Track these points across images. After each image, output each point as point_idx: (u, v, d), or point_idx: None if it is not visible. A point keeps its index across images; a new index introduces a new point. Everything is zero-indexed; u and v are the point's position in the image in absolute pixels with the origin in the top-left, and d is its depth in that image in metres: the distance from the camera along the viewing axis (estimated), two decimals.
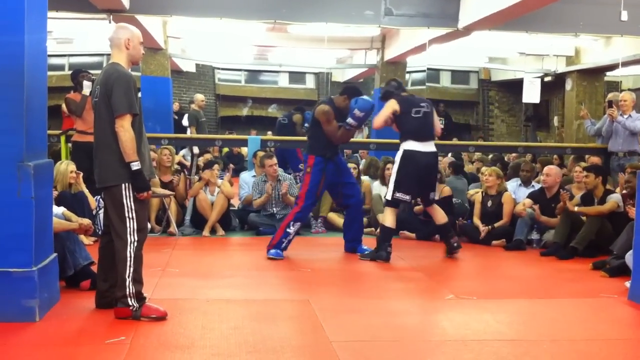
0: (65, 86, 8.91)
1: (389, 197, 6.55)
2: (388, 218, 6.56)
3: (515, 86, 16.36)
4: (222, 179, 8.44)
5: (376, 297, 5.25)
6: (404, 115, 6.54)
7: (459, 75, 19.25)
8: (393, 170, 6.56)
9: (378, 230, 7.72)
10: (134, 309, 4.26)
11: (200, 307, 4.69)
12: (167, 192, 7.74)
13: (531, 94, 12.66)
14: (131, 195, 4.27)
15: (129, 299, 4.25)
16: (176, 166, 8.69)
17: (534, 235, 7.37)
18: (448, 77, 19.20)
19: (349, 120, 6.46)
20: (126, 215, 4.27)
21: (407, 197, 6.56)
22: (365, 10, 10.48)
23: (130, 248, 4.26)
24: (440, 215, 6.76)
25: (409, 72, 16.01)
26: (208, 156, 9.22)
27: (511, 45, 13.85)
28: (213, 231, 7.77)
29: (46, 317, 4.26)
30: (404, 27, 11.11)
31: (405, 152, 6.47)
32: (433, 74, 18.21)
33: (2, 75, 4.13)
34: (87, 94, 7.60)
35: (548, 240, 7.22)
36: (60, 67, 15.95)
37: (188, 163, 11.63)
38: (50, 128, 6.95)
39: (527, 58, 15.22)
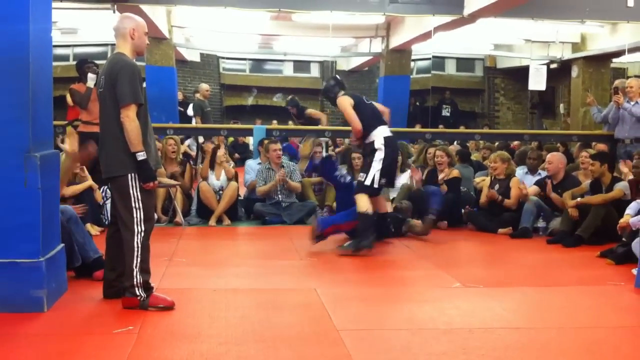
0: (70, 77, 8.91)
1: (375, 185, 6.34)
2: (366, 204, 6.31)
3: (520, 73, 16.29)
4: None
5: (383, 285, 5.25)
6: (361, 105, 6.51)
7: (464, 63, 19.16)
8: (377, 158, 6.33)
9: None
10: (142, 298, 4.27)
11: (207, 297, 4.70)
12: (173, 182, 7.75)
13: (537, 81, 12.63)
14: (137, 185, 4.27)
15: (136, 288, 4.27)
16: (180, 157, 8.69)
17: (540, 223, 7.36)
18: (453, 64, 19.11)
19: None
20: (133, 205, 4.27)
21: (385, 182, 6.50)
22: None
23: (138, 238, 4.27)
24: (383, 204, 6.76)
25: (414, 60, 15.93)
26: (210, 146, 9.21)
27: (517, 32, 13.79)
28: (219, 221, 7.78)
29: (54, 307, 4.28)
30: (409, 14, 11.08)
31: (386, 139, 6.38)
32: (438, 62, 18.11)
33: (8, 65, 4.13)
34: (91, 86, 7.60)
35: (554, 228, 7.20)
36: (65, 58, 15.90)
37: (193, 153, 11.65)
38: (56, 119, 6.96)
39: (533, 45, 15.15)
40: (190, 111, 13.24)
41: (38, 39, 4.29)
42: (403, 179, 8.32)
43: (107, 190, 6.76)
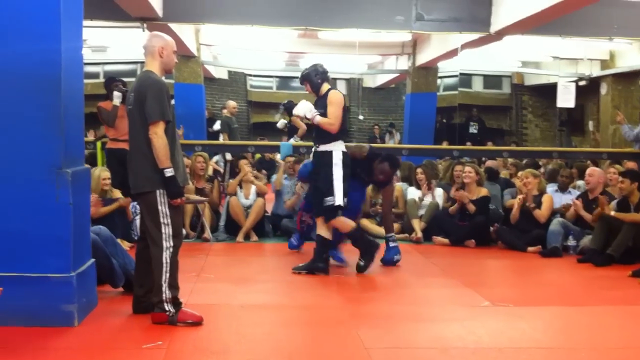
0: (100, 94, 9.03)
1: (341, 204, 5.90)
2: (347, 222, 6.06)
3: (548, 91, 16.20)
4: None
5: (411, 303, 5.22)
6: (345, 111, 6.16)
7: (491, 80, 19.11)
8: (337, 175, 5.92)
9: (413, 235, 7.75)
10: (171, 314, 4.29)
11: (235, 313, 4.71)
12: (201, 198, 7.81)
13: (565, 99, 12.54)
14: (165, 201, 4.31)
15: (165, 304, 4.29)
16: (209, 173, 8.77)
17: (571, 242, 7.27)
18: (480, 81, 19.07)
19: None
20: (161, 221, 4.31)
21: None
22: (397, 16, 10.45)
23: (166, 254, 4.30)
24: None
25: (441, 77, 15.93)
26: (244, 163, 9.31)
27: (544, 49, 13.72)
28: (247, 237, 7.81)
29: (84, 322, 4.31)
30: (436, 32, 11.06)
31: (344, 153, 6.02)
32: (465, 79, 18.10)
33: (40, 83, 4.20)
34: (117, 104, 7.72)
35: (585, 247, 7.11)
36: (95, 75, 16.16)
37: (221, 169, 11.71)
38: (86, 135, 7.05)
39: (561, 62, 15.06)
40: (217, 127, 13.35)
41: (69, 57, 4.36)
42: (437, 196, 8.32)
43: (137, 206, 6.81)
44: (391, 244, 6.56)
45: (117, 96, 7.77)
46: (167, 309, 4.29)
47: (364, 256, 6.16)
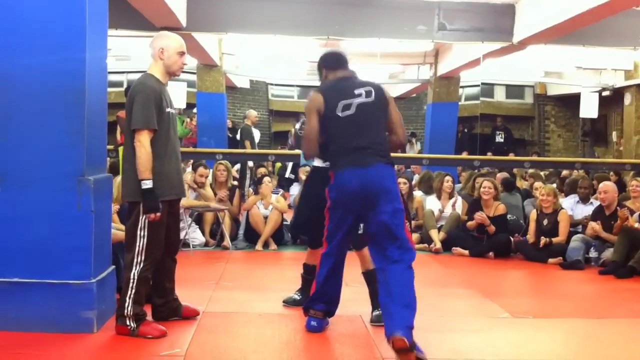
0: (124, 102, 9.16)
1: None
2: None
3: (572, 101, 16.09)
4: (276, 194, 8.53)
5: (429, 314, 5.19)
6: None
7: (514, 90, 19.01)
8: None
9: (432, 245, 7.72)
10: (132, 328, 4.18)
11: (253, 321, 4.72)
12: (221, 206, 7.85)
13: (589, 109, 12.45)
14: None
15: (127, 319, 4.18)
16: (234, 182, 8.81)
17: (592, 254, 7.20)
18: (503, 91, 18.98)
19: None
20: (137, 233, 4.17)
21: None
22: (419, 26, 10.46)
23: (135, 269, 4.18)
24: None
25: (463, 87, 15.88)
26: (262, 170, 9.32)
27: (568, 59, 13.64)
28: (266, 245, 7.83)
29: (103, 329, 4.33)
30: (458, 41, 11.05)
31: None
32: (487, 89, 18.02)
33: (64, 92, 4.24)
34: None
35: (607, 259, 7.05)
36: (119, 84, 16.29)
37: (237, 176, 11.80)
38: (109, 143, 7.13)
39: (584, 72, 14.96)
40: (239, 136, 13.44)
41: (94, 66, 4.41)
42: (457, 205, 8.28)
43: None
44: None
45: None
46: (128, 323, 4.18)
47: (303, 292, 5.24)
